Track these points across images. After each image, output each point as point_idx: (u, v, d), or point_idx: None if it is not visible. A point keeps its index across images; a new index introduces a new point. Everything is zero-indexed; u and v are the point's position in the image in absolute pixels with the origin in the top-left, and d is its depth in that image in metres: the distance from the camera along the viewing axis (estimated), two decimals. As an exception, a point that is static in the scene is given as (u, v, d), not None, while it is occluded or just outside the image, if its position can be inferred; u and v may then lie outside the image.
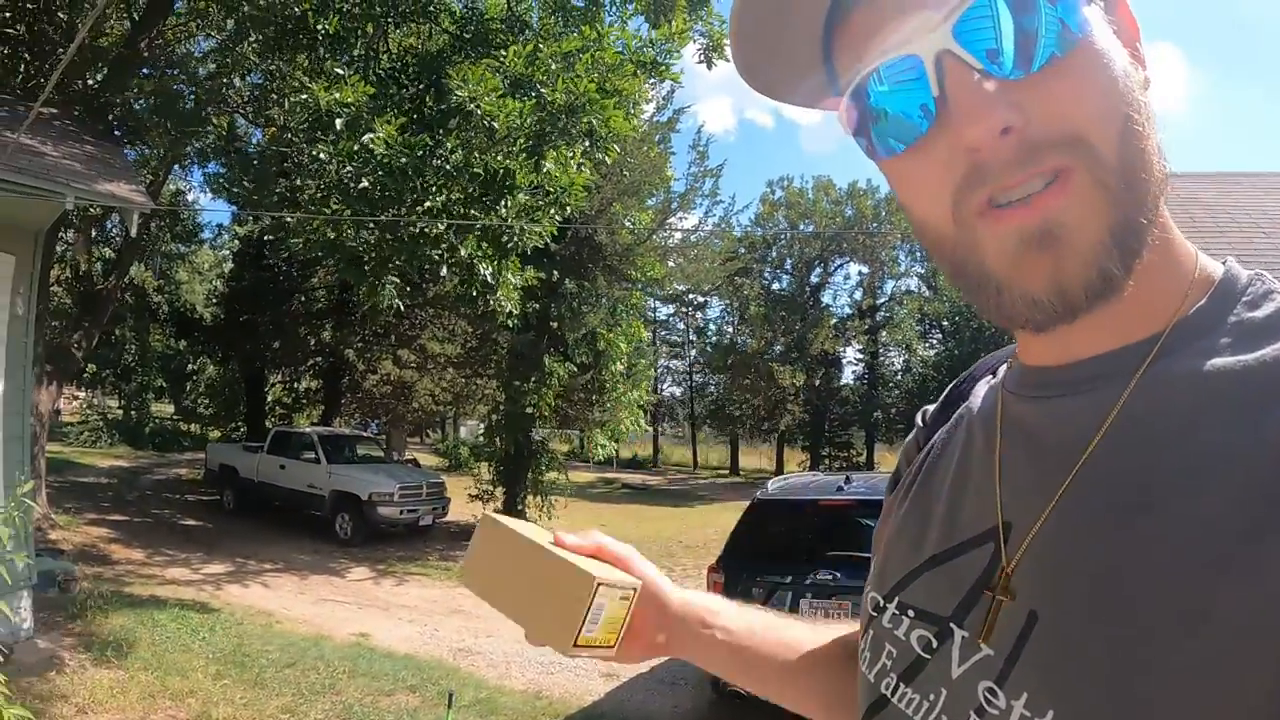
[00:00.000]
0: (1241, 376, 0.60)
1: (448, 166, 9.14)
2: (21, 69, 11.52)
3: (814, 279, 40.93)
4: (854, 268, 42.36)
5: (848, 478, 7.39)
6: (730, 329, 44.18)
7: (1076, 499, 0.64)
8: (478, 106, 8.99)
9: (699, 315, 46.89)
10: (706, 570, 6.74)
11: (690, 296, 42.85)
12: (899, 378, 42.50)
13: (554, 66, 9.64)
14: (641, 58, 10.58)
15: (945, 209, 0.63)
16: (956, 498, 0.78)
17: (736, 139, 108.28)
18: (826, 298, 42.26)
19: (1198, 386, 0.62)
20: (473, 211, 9.34)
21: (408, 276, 10.25)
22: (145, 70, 12.30)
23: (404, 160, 8.79)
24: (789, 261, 40.91)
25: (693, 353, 47.83)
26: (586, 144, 10.05)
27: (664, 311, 46.54)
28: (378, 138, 8.62)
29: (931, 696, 0.71)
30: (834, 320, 40.19)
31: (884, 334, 42.09)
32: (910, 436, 0.97)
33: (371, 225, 9.27)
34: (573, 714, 7.09)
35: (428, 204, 9.09)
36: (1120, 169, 0.59)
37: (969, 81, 0.59)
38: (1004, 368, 0.83)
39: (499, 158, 9.32)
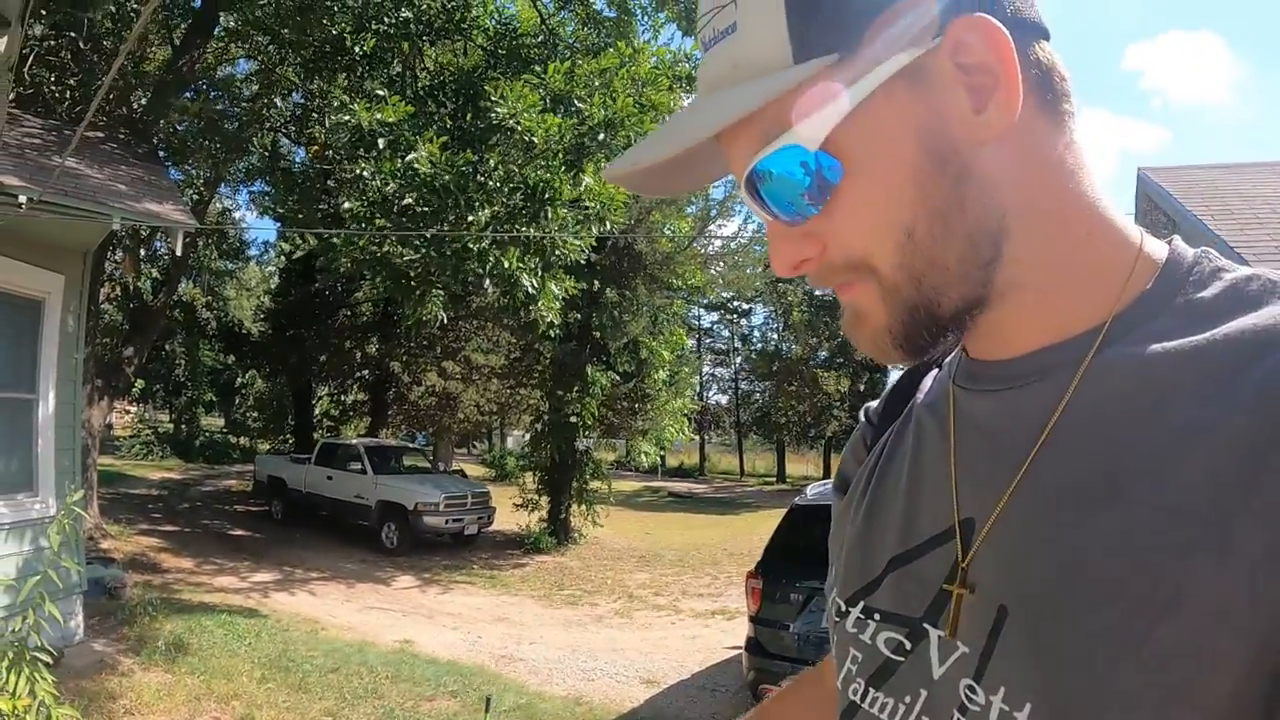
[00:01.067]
0: (1194, 359, 0.60)
1: (491, 182, 9.24)
2: (68, 95, 11.81)
3: (858, 283, 40.75)
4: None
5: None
6: (775, 335, 43.89)
7: (1034, 490, 0.64)
8: (518, 123, 9.09)
9: (743, 322, 46.77)
10: (745, 576, 6.73)
11: (734, 303, 42.76)
12: (945, 379, 41.84)
13: (596, 83, 9.73)
14: (677, 72, 10.63)
15: None
16: (913, 497, 0.77)
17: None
18: (872, 302, 41.98)
19: (1149, 372, 0.62)
20: (517, 226, 9.44)
21: (452, 290, 10.35)
22: (188, 93, 12.57)
23: (448, 178, 8.91)
24: (833, 266, 40.76)
25: (738, 360, 47.41)
26: None
27: (709, 319, 46.53)
28: (422, 157, 8.73)
29: (908, 699, 0.71)
30: (878, 324, 39.93)
31: (929, 337, 41.66)
32: (856, 434, 0.97)
33: (417, 242, 9.39)
34: (612, 720, 7.11)
35: (470, 219, 9.21)
36: (904, 276, 0.65)
37: (769, 223, 0.69)
38: (949, 358, 0.83)
39: (540, 171, 9.41)
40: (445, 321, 10.90)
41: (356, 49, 9.91)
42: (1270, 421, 0.54)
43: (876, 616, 0.76)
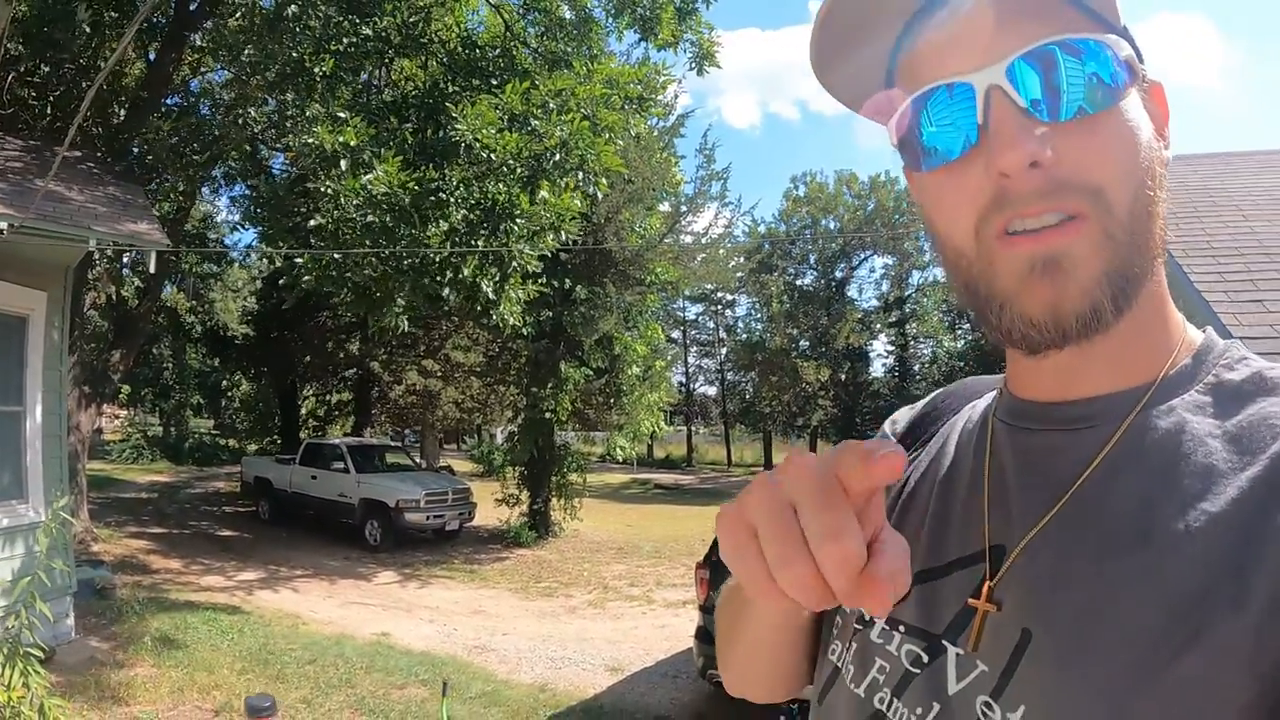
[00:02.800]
0: (1222, 434, 0.67)
1: (451, 198, 9.53)
2: (48, 111, 11.98)
3: (839, 273, 40.83)
4: (879, 260, 42.04)
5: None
6: (759, 326, 43.87)
7: (1067, 526, 0.69)
8: (477, 139, 9.40)
9: (728, 313, 46.84)
10: (695, 567, 6.99)
11: (718, 294, 42.86)
12: (927, 369, 41.77)
13: (552, 105, 10.05)
14: (628, 92, 10.90)
15: (969, 227, 0.69)
16: (942, 520, 0.81)
17: (762, 133, 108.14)
18: (853, 291, 42.11)
19: (1182, 438, 0.68)
20: (474, 239, 9.75)
21: (414, 302, 10.62)
22: (166, 101, 12.76)
23: (406, 199, 9.21)
24: (813, 257, 40.83)
25: (724, 350, 47.41)
26: (580, 176, 10.40)
27: (694, 310, 46.57)
28: (378, 178, 9.02)
29: (919, 710, 0.74)
30: (858, 314, 40.05)
31: (912, 326, 41.78)
32: None
33: (375, 260, 9.70)
34: (573, 706, 7.37)
35: (429, 233, 9.47)
36: (1128, 225, 0.66)
37: (1011, 115, 0.65)
38: (990, 396, 0.89)
39: (499, 185, 9.72)
40: (406, 329, 11.15)
41: (316, 70, 10.17)
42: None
43: (901, 629, 0.79)
